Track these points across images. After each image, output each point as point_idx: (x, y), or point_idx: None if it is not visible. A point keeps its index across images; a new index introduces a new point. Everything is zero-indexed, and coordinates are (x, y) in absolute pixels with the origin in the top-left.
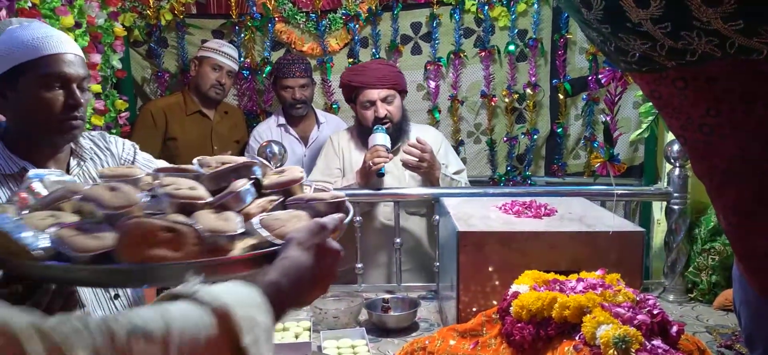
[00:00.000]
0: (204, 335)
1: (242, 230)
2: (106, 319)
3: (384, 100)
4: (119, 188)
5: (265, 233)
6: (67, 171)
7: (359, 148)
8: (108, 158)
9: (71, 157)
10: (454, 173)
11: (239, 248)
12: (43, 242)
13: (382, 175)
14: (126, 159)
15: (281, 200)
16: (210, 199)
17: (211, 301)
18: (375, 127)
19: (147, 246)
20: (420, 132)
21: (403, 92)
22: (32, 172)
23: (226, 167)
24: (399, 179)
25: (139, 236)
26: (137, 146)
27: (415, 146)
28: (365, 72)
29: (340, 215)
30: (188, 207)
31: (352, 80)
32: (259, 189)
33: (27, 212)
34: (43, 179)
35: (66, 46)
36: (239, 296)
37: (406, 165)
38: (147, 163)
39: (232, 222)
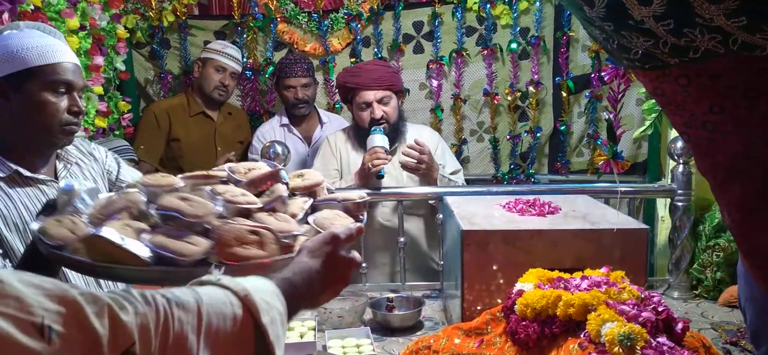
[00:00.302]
0: (230, 311)
1: (302, 230)
2: (142, 291)
3: (380, 101)
4: (192, 199)
5: (322, 231)
6: (55, 175)
7: (356, 149)
8: (92, 163)
9: (57, 161)
10: (451, 173)
11: (300, 243)
12: (144, 250)
13: (382, 176)
14: (109, 168)
15: (312, 200)
16: (261, 204)
17: (234, 286)
18: (372, 129)
19: (239, 247)
20: (416, 132)
21: (399, 93)
22: (65, 183)
23: (262, 174)
24: (397, 180)
25: (232, 239)
26: (121, 160)
27: (413, 148)
28: (361, 73)
29: (355, 225)
30: (245, 212)
31: (347, 81)
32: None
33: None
34: (79, 191)
35: (70, 56)
36: (257, 284)
37: (404, 167)
38: (131, 175)
39: (292, 223)
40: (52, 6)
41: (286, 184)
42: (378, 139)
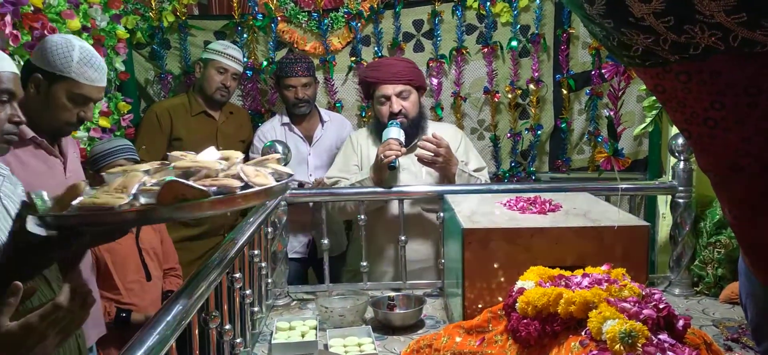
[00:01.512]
0: None
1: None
2: None
3: (399, 95)
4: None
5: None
6: None
7: (376, 144)
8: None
9: None
10: (474, 170)
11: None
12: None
13: (394, 168)
14: None
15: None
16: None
17: None
18: (389, 122)
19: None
20: (437, 129)
21: (420, 89)
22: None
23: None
24: (415, 175)
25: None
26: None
27: (430, 141)
28: (380, 67)
29: None
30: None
31: (368, 76)
32: None
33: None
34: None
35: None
36: None
37: (421, 160)
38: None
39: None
40: (52, 7)
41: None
42: (393, 132)
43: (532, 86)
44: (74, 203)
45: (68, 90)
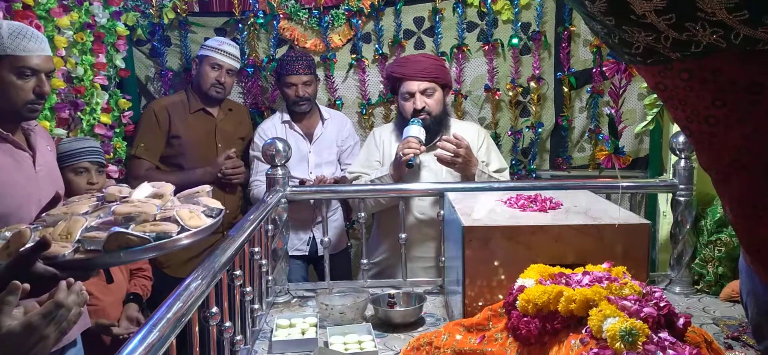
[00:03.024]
0: None
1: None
2: None
3: (423, 92)
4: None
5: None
6: None
7: (398, 140)
8: None
9: None
10: (495, 171)
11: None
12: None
13: (412, 166)
14: None
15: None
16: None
17: None
18: (411, 120)
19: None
20: (460, 128)
21: (446, 87)
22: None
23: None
24: (436, 174)
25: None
26: None
27: (450, 141)
28: (407, 64)
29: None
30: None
31: (394, 71)
32: None
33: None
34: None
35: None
36: None
37: (440, 160)
38: None
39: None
40: (41, 5)
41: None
42: (413, 130)
43: (532, 84)
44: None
45: (11, 65)
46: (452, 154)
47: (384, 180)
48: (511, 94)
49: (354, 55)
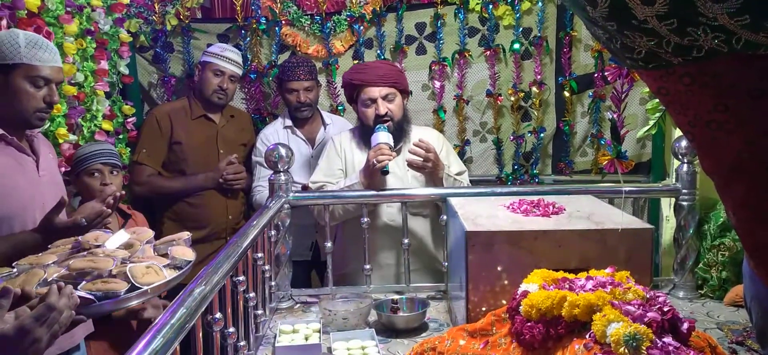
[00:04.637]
0: None
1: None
2: None
3: (385, 98)
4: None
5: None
6: None
7: (361, 148)
8: None
9: None
10: (457, 174)
11: None
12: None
13: (387, 173)
14: None
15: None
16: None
17: None
18: (377, 126)
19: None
20: (420, 133)
21: (404, 92)
22: None
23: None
24: (402, 179)
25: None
26: None
27: (419, 146)
28: (366, 70)
29: None
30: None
31: (353, 78)
32: None
33: None
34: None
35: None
36: None
37: (410, 165)
38: None
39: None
40: (50, 11)
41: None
42: (382, 136)
43: (534, 89)
44: None
45: (25, 74)
46: (422, 159)
47: (354, 188)
48: (512, 99)
49: (356, 61)
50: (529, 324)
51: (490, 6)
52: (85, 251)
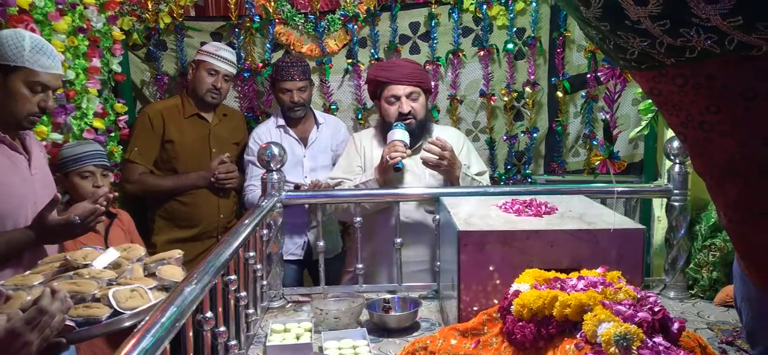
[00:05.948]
0: None
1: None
2: None
3: (409, 96)
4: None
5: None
6: None
7: (381, 145)
8: None
9: None
10: (476, 174)
11: None
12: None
13: (399, 169)
14: None
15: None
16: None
17: None
18: (395, 124)
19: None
20: (442, 132)
21: (427, 92)
22: None
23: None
24: (420, 178)
25: None
26: None
27: (435, 144)
28: (393, 68)
29: None
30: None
31: (378, 75)
32: None
33: None
34: None
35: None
36: None
37: (426, 163)
38: None
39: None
40: (38, 9)
41: None
42: (398, 133)
43: (527, 89)
44: None
45: (25, 79)
46: (437, 157)
47: (368, 185)
48: (506, 99)
49: (350, 60)
50: (520, 324)
51: (484, 6)
52: (71, 271)
